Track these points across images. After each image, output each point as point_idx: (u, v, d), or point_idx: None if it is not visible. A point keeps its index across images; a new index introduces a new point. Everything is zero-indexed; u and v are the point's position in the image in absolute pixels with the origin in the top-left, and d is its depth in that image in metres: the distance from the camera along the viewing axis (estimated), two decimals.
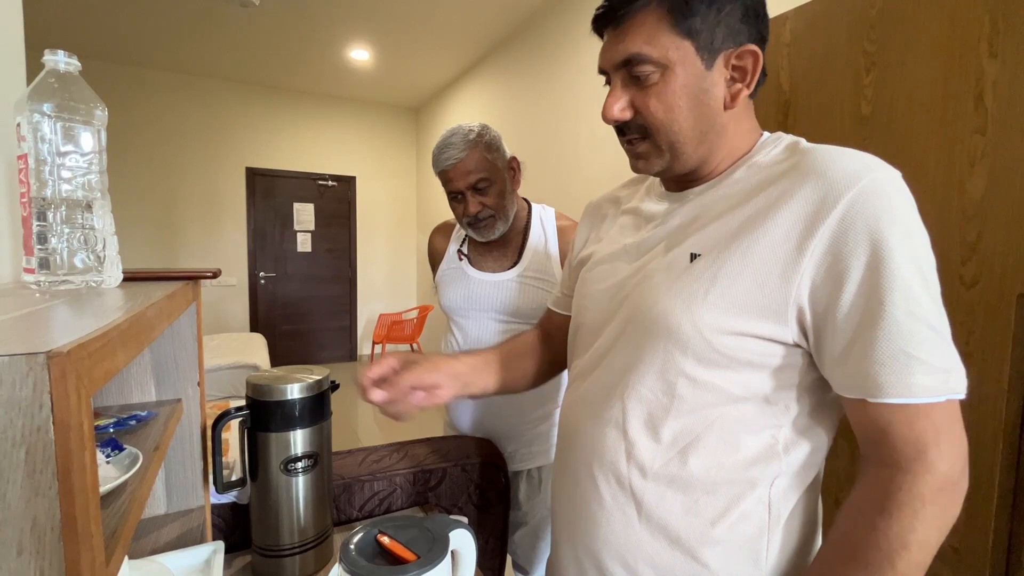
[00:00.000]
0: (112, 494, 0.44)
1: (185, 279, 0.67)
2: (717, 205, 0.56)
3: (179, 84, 4.59)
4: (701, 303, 0.52)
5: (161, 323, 0.45)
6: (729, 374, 0.52)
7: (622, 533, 0.58)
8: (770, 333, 0.50)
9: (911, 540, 0.46)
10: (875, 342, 0.46)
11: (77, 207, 0.51)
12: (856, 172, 0.47)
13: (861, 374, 0.47)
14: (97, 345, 0.25)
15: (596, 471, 0.60)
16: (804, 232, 0.48)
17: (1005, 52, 0.88)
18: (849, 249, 0.47)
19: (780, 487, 0.54)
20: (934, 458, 0.46)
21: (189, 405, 0.76)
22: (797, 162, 0.52)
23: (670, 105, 0.54)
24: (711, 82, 0.54)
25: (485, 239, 1.14)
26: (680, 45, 0.52)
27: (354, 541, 0.55)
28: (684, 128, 0.55)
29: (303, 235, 5.24)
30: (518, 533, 1.23)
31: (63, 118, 0.49)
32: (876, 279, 0.46)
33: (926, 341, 0.45)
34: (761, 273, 0.50)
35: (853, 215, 0.46)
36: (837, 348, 0.49)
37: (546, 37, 3.27)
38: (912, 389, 0.45)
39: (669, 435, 0.55)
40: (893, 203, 0.47)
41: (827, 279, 0.48)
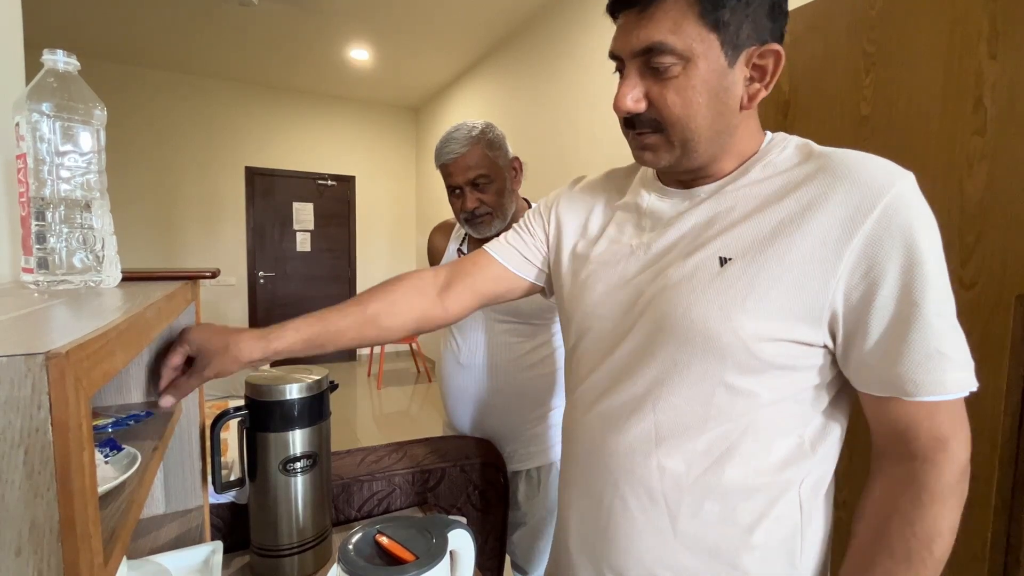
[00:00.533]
0: (110, 494, 0.44)
1: (184, 279, 0.67)
2: (739, 206, 0.54)
3: (178, 83, 4.58)
4: (740, 310, 0.51)
5: (160, 323, 0.45)
6: (765, 379, 0.52)
7: (655, 549, 0.57)
8: (805, 337, 0.51)
9: (944, 527, 0.48)
10: (911, 343, 0.47)
11: (76, 207, 0.51)
12: (888, 179, 0.48)
13: (895, 374, 0.48)
14: (96, 346, 0.25)
15: (625, 488, 0.58)
16: (841, 237, 0.48)
17: (1004, 54, 0.88)
18: (885, 254, 0.47)
19: (808, 485, 0.55)
20: (955, 448, 0.49)
21: (188, 405, 0.76)
22: (823, 166, 0.51)
23: (689, 100, 0.51)
24: (732, 80, 0.52)
25: (481, 235, 1.14)
26: (706, 38, 0.49)
27: (353, 541, 0.55)
28: (701, 125, 0.53)
29: (302, 235, 5.24)
30: (517, 533, 1.23)
31: (62, 118, 0.49)
32: (911, 282, 0.47)
33: (954, 339, 0.48)
34: (800, 278, 0.49)
35: (887, 221, 0.47)
36: (868, 350, 0.50)
37: (546, 37, 3.27)
38: (947, 386, 0.47)
39: (704, 444, 0.54)
40: (923, 210, 0.49)
41: (862, 282, 0.48)
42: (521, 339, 1.17)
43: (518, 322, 1.17)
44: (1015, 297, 0.86)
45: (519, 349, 1.17)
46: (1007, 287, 0.87)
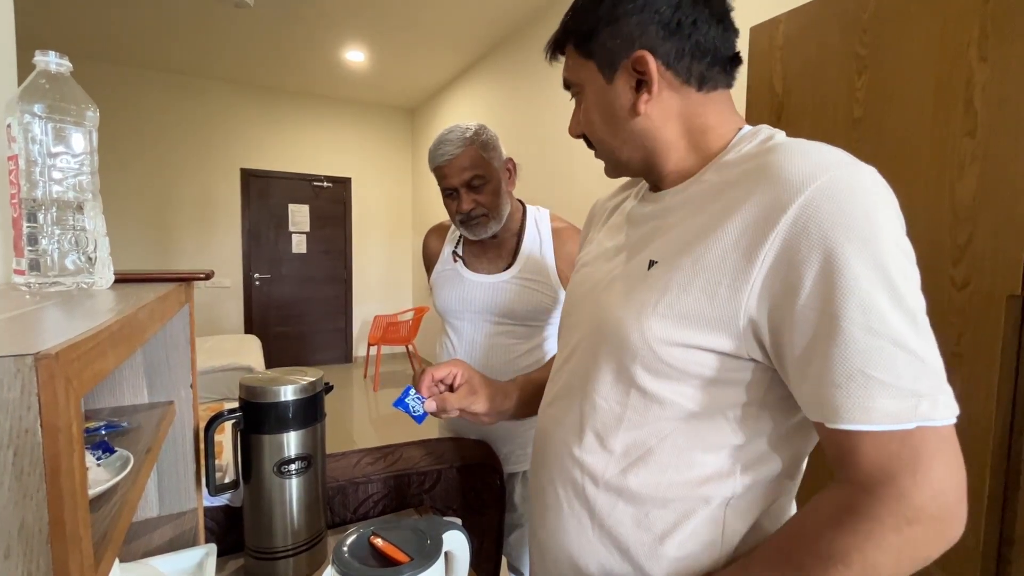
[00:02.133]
0: (103, 497, 0.44)
1: (178, 281, 0.67)
2: (680, 209, 0.55)
3: (173, 84, 4.57)
4: (651, 313, 0.50)
5: (153, 325, 0.44)
6: (683, 387, 0.51)
7: (576, 540, 0.58)
8: (721, 346, 0.48)
9: (854, 559, 0.42)
10: (830, 361, 0.42)
11: (68, 208, 0.51)
12: (812, 172, 0.43)
13: (819, 395, 0.43)
14: (86, 347, 0.25)
15: (556, 476, 0.60)
16: (754, 239, 0.45)
17: (995, 56, 0.89)
18: (801, 257, 0.42)
19: (737, 508, 0.52)
20: (907, 487, 0.41)
21: (182, 407, 0.75)
22: (759, 162, 0.48)
23: (588, 119, 0.59)
24: (615, 94, 0.56)
25: (477, 237, 1.14)
26: (585, 65, 0.57)
27: (347, 543, 0.55)
28: (605, 138, 0.58)
29: (298, 236, 5.22)
30: (513, 535, 1.23)
31: (54, 119, 0.49)
32: (829, 291, 0.42)
33: (890, 360, 0.41)
34: (710, 283, 0.47)
35: (806, 219, 0.42)
36: (796, 365, 0.45)
37: (541, 40, 3.27)
38: (871, 415, 0.41)
39: (621, 446, 0.55)
40: (853, 204, 0.42)
41: (780, 290, 0.44)
42: (517, 341, 1.17)
43: (514, 324, 1.17)
44: (1006, 297, 0.87)
45: (515, 351, 1.17)
46: (998, 287, 0.88)
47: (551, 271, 1.15)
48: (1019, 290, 0.86)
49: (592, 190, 2.83)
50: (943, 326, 0.92)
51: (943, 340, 0.47)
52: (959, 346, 0.92)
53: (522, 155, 3.40)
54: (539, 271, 1.15)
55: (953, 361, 0.92)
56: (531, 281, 1.15)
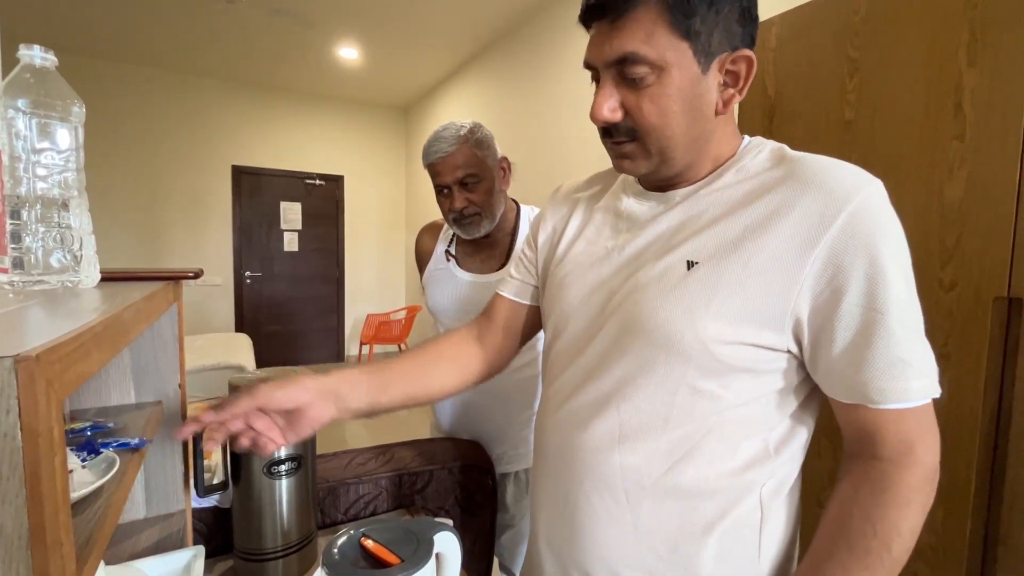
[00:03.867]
0: (87, 499, 0.43)
1: (165, 280, 0.66)
2: (710, 210, 0.55)
3: (163, 80, 4.51)
4: (704, 313, 0.51)
5: (139, 325, 0.44)
6: (728, 381, 0.53)
7: (617, 546, 0.57)
8: (769, 342, 0.51)
9: (904, 528, 0.49)
10: (874, 351, 0.48)
11: (53, 205, 0.50)
12: (854, 185, 0.49)
13: (860, 382, 0.49)
14: (69, 348, 0.25)
15: (588, 485, 0.59)
16: (805, 243, 0.49)
17: (983, 61, 0.90)
18: (848, 261, 0.48)
19: (771, 487, 0.56)
20: (921, 452, 0.50)
21: (170, 407, 0.74)
22: (793, 171, 0.52)
23: (664, 109, 0.52)
24: (706, 87, 0.52)
25: (470, 236, 1.13)
26: (678, 47, 0.50)
27: (337, 544, 0.54)
28: (676, 133, 0.53)
29: (290, 234, 5.19)
30: (505, 535, 1.22)
31: (39, 114, 0.48)
32: (875, 290, 0.47)
33: (918, 347, 0.48)
34: (764, 283, 0.50)
35: (852, 227, 0.48)
36: (833, 357, 0.50)
37: (536, 38, 3.27)
38: (911, 394, 0.48)
39: (667, 444, 0.55)
40: (888, 217, 0.49)
41: (826, 290, 0.49)
42: None
43: None
44: (993, 299, 0.88)
45: None
46: (985, 289, 0.89)
47: None
48: (1006, 291, 0.87)
49: None
50: (931, 327, 0.93)
51: (932, 341, 0.50)
52: (947, 347, 0.93)
53: (515, 154, 3.40)
54: None
55: (941, 362, 0.92)
56: None
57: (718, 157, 0.58)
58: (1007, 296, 0.87)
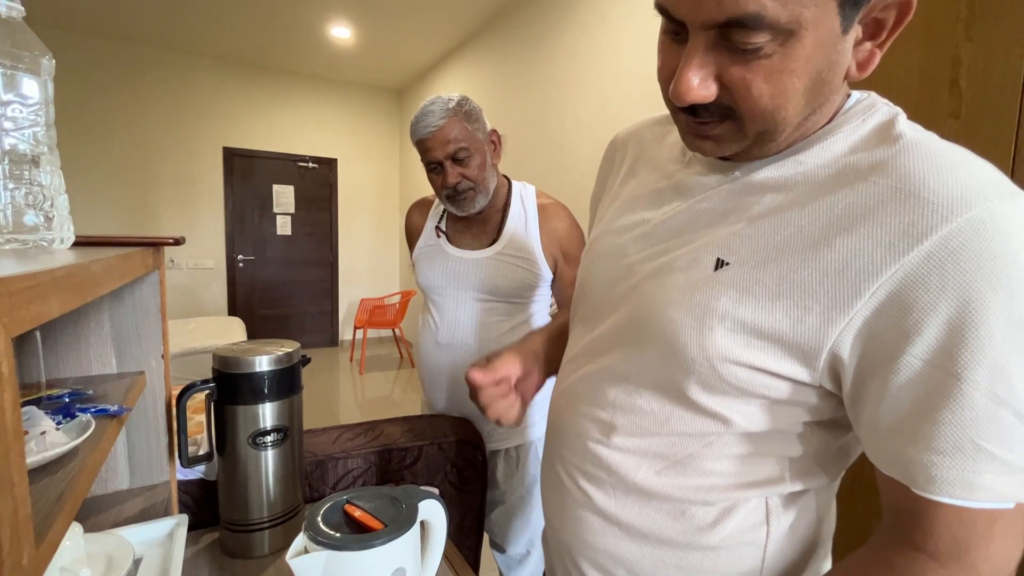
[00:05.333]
0: (61, 461, 0.42)
1: (143, 245, 0.64)
2: (764, 200, 0.44)
3: (153, 59, 4.42)
4: (717, 325, 0.42)
5: (110, 281, 0.42)
6: (739, 406, 0.45)
7: (600, 534, 0.53)
8: (793, 374, 0.42)
9: None
10: (938, 425, 0.36)
11: (23, 161, 0.48)
12: (963, 196, 0.35)
13: (910, 457, 0.38)
14: (22, 285, 0.24)
15: (576, 469, 0.55)
16: (868, 268, 0.37)
17: (980, 36, 0.89)
18: (929, 299, 0.35)
19: (781, 502, 0.49)
20: (977, 560, 0.38)
21: (153, 378, 0.73)
22: (886, 162, 0.39)
23: (783, 88, 0.38)
24: (843, 48, 0.38)
25: (464, 212, 1.12)
26: (820, 1, 0.35)
27: (321, 511, 0.54)
28: (790, 115, 0.40)
29: (283, 218, 5.14)
30: (495, 512, 1.23)
31: (4, 65, 0.46)
32: (957, 346, 0.35)
33: (1008, 433, 0.35)
34: (798, 307, 0.39)
35: (945, 255, 0.34)
36: (882, 417, 0.39)
37: (531, 18, 3.22)
38: (975, 492, 0.36)
39: (658, 449, 0.49)
40: (1008, 249, 0.34)
41: (887, 331, 0.37)
42: (501, 318, 1.16)
43: (498, 300, 1.16)
44: None
45: (499, 328, 1.16)
46: None
47: (536, 248, 1.14)
48: None
49: (580, 171, 2.81)
50: None
51: None
52: None
53: (513, 134, 3.36)
54: (524, 248, 1.14)
55: None
56: (515, 258, 1.13)
57: (810, 124, 0.43)
58: None
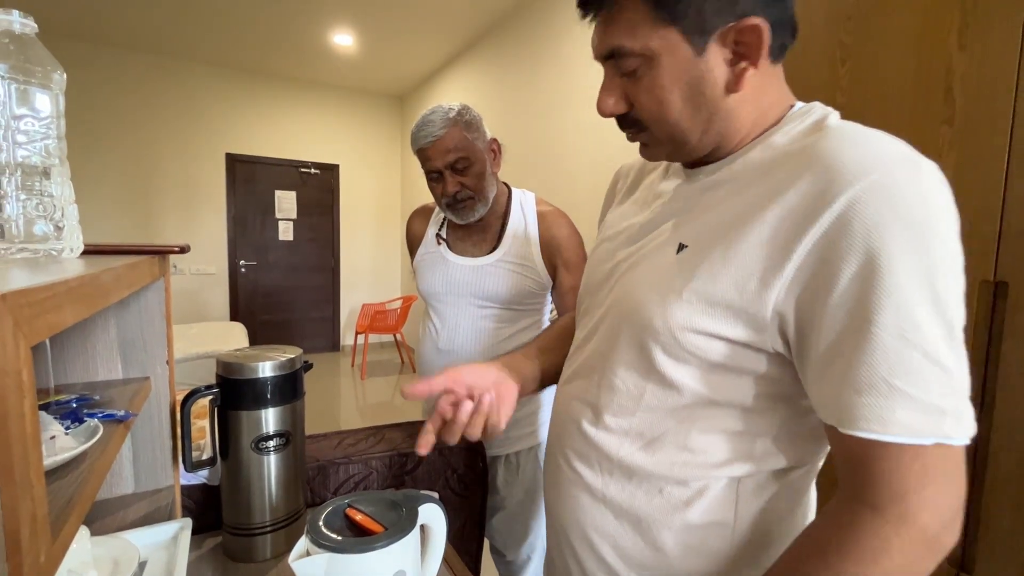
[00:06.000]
0: (70, 465, 0.43)
1: (150, 253, 0.66)
2: (718, 191, 0.51)
3: (156, 66, 4.46)
4: (676, 299, 0.49)
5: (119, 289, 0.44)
6: (701, 374, 0.50)
7: (587, 511, 0.58)
8: (744, 337, 0.46)
9: None
10: (855, 365, 0.40)
11: (34, 173, 0.50)
12: (867, 164, 0.40)
13: (836, 398, 0.42)
14: (40, 295, 0.25)
15: (568, 450, 0.61)
16: (792, 232, 0.42)
17: (974, 45, 0.90)
18: (840, 254, 0.40)
19: (751, 487, 0.52)
20: (914, 506, 0.40)
21: (158, 384, 0.74)
22: (809, 146, 0.45)
23: (660, 98, 0.49)
24: (706, 67, 0.47)
25: (464, 221, 1.13)
26: (663, 33, 0.46)
27: (323, 515, 0.55)
28: (681, 119, 0.49)
29: (285, 223, 5.16)
30: (496, 517, 1.23)
31: (18, 80, 0.48)
32: (867, 292, 0.39)
33: (918, 372, 0.39)
34: (741, 274, 0.45)
35: (851, 215, 0.40)
36: (816, 365, 0.43)
37: (532, 26, 3.25)
38: (889, 426, 0.39)
39: (637, 426, 0.54)
40: (909, 204, 0.39)
41: (812, 285, 0.42)
42: (501, 324, 1.17)
43: (498, 307, 1.17)
44: (979, 283, 0.89)
45: (499, 335, 1.17)
46: (972, 273, 0.89)
47: (536, 255, 1.15)
48: (991, 275, 0.87)
49: (580, 178, 2.82)
50: None
51: None
52: None
53: (513, 141, 3.38)
54: (524, 255, 1.15)
55: None
56: (515, 265, 1.14)
57: (757, 126, 0.51)
58: (993, 280, 0.88)
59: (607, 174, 0.84)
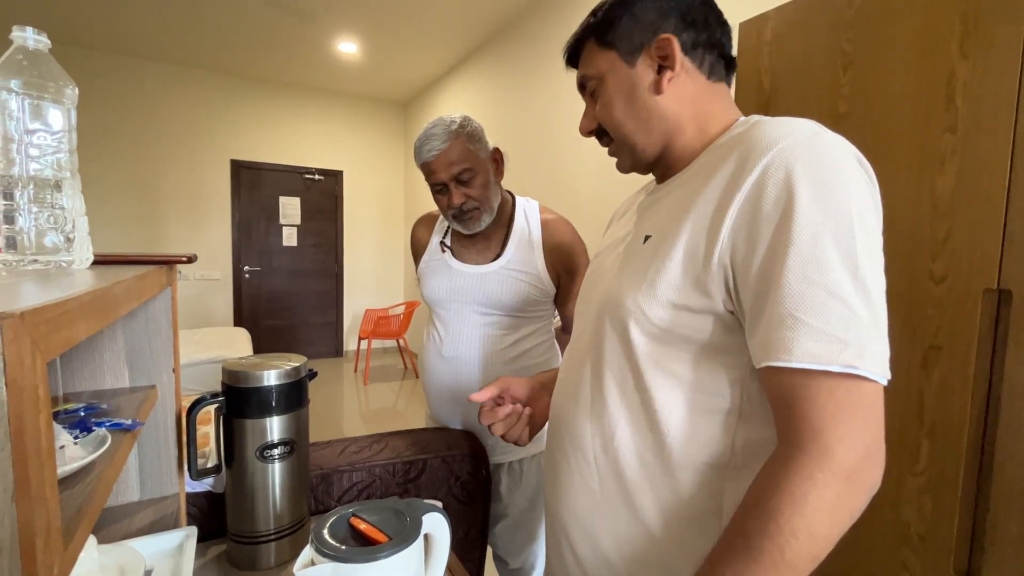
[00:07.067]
0: (79, 474, 0.44)
1: (158, 263, 0.66)
2: (676, 190, 0.59)
3: (162, 73, 4.51)
4: (642, 279, 0.55)
5: (129, 301, 0.44)
6: (676, 352, 0.54)
7: (587, 505, 0.61)
8: (705, 306, 0.51)
9: (800, 529, 0.42)
10: (768, 305, 0.45)
11: (46, 186, 0.51)
12: (780, 135, 0.48)
13: (760, 339, 0.46)
14: (55, 312, 0.25)
15: (568, 446, 0.64)
16: (724, 199, 0.50)
17: (975, 53, 0.90)
18: (765, 206, 0.46)
19: (737, 474, 0.53)
20: (832, 441, 0.43)
21: (164, 392, 0.75)
22: (737, 135, 0.54)
23: (608, 106, 0.61)
24: (637, 76, 0.59)
25: (470, 231, 1.14)
26: (607, 57, 0.61)
27: (327, 524, 0.55)
28: (625, 121, 0.61)
29: (289, 229, 5.19)
30: (499, 525, 1.23)
31: (31, 95, 0.48)
32: (779, 242, 0.45)
33: (821, 307, 0.43)
34: (691, 245, 0.52)
35: (767, 177, 0.47)
36: (750, 315, 0.48)
37: (535, 34, 3.27)
38: (793, 354, 0.43)
39: (626, 413, 0.57)
40: (818, 160, 0.46)
41: (745, 240, 0.48)
42: (505, 332, 1.18)
43: (502, 314, 1.17)
44: (983, 291, 0.89)
45: (502, 342, 1.18)
46: (975, 281, 0.90)
47: (540, 262, 1.16)
48: (995, 284, 0.87)
49: (582, 184, 2.83)
50: (921, 319, 0.94)
51: (922, 333, 0.49)
52: (937, 339, 0.94)
53: (514, 149, 3.40)
54: (528, 262, 1.15)
55: (931, 353, 0.94)
56: (519, 272, 1.15)
57: (704, 135, 0.60)
58: (997, 288, 0.88)
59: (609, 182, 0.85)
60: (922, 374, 0.95)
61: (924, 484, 0.95)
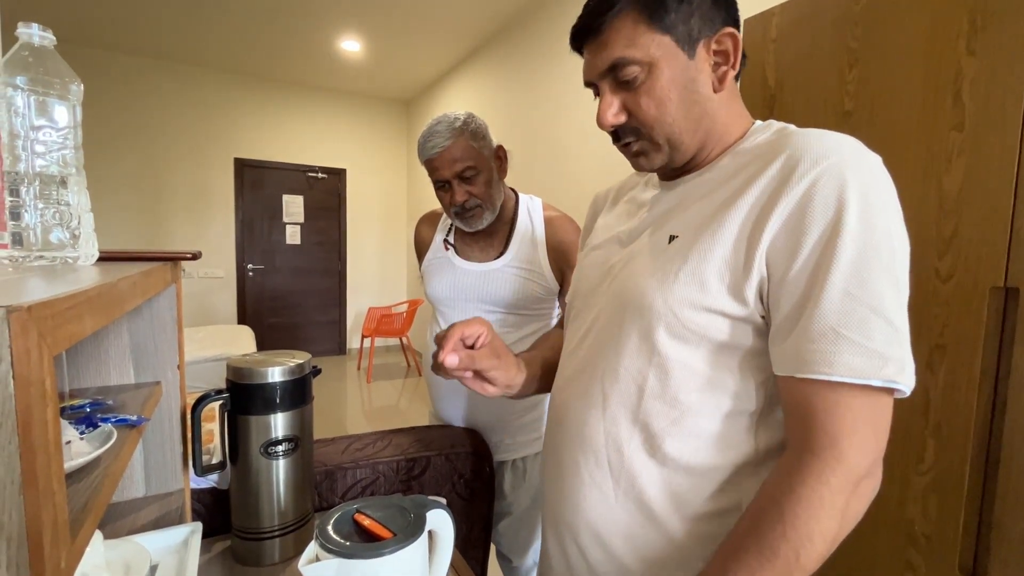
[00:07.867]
0: (85, 469, 0.44)
1: (163, 260, 0.67)
2: (699, 190, 0.57)
3: (166, 72, 4.52)
4: (673, 280, 0.53)
5: (135, 297, 0.44)
6: (701, 352, 0.53)
7: (599, 509, 0.59)
8: (737, 311, 0.51)
9: (815, 533, 0.44)
10: (809, 316, 0.46)
11: (51, 183, 0.51)
12: (828, 150, 0.48)
13: (793, 349, 0.47)
14: (62, 306, 0.25)
15: (577, 450, 0.61)
16: (767, 207, 0.49)
17: (982, 50, 0.89)
18: (806, 225, 0.46)
19: (758, 474, 0.54)
20: (847, 449, 0.45)
21: (169, 388, 0.75)
22: (776, 142, 0.52)
23: (661, 100, 0.55)
24: (696, 70, 0.55)
25: (473, 229, 1.14)
26: (660, 41, 0.54)
27: (331, 519, 0.55)
28: (678, 119, 0.56)
29: (292, 227, 5.20)
30: (503, 523, 1.23)
31: (37, 92, 0.49)
32: (825, 255, 0.46)
33: (863, 322, 0.44)
34: (728, 250, 0.51)
35: (815, 190, 0.46)
36: (783, 323, 0.48)
37: (538, 31, 3.26)
38: (835, 368, 0.44)
39: (643, 415, 0.56)
40: (860, 183, 0.46)
41: (782, 253, 0.48)
42: (508, 329, 1.18)
43: (505, 312, 1.17)
44: (989, 289, 0.88)
45: (506, 339, 1.17)
46: (982, 279, 0.89)
47: (543, 260, 1.16)
48: (1002, 281, 0.87)
49: (585, 182, 2.83)
50: (928, 317, 0.93)
51: (928, 331, 0.49)
52: (943, 336, 0.93)
53: (517, 147, 3.39)
54: (531, 259, 1.15)
55: (937, 352, 0.93)
56: (523, 270, 1.15)
57: (724, 140, 0.59)
58: (1004, 286, 0.87)
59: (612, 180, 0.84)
60: (928, 373, 0.94)
61: (929, 483, 0.95)
